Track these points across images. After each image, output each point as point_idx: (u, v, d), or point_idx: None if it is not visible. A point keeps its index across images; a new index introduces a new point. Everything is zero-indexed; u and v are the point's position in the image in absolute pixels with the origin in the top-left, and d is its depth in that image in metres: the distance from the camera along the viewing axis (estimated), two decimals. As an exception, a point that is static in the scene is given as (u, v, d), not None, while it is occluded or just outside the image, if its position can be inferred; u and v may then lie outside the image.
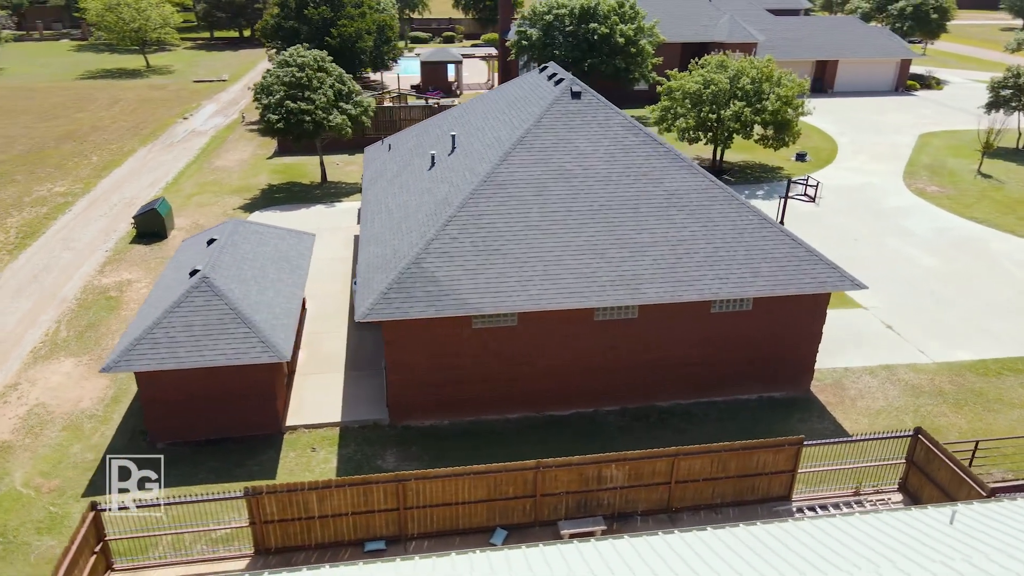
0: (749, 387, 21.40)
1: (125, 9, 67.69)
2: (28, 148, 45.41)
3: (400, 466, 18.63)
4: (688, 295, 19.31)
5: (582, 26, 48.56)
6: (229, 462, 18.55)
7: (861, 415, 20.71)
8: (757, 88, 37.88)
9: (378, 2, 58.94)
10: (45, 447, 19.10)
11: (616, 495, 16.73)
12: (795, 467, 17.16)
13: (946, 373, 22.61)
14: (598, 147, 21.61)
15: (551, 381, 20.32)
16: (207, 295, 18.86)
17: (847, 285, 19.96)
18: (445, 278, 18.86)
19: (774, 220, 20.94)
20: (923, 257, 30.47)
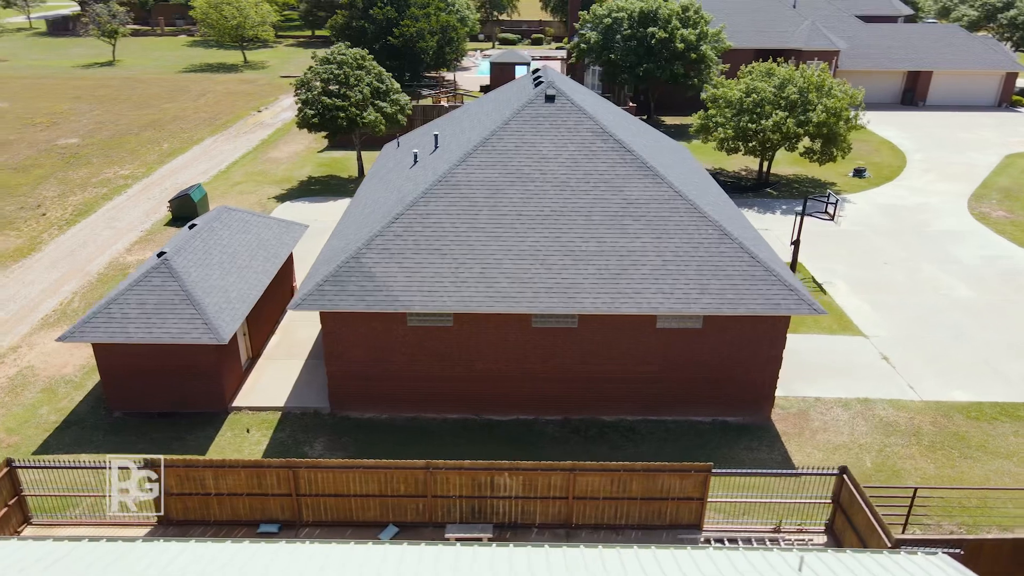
0: (702, 409, 20.46)
1: (226, 7, 72.12)
2: (113, 134, 49.31)
3: (324, 454, 19.07)
4: (627, 308, 18.70)
5: (640, 30, 47.64)
6: (170, 435, 19.59)
7: (817, 449, 19.37)
8: (804, 98, 35.98)
9: (450, 4, 60.10)
10: (19, 406, 20.82)
11: (512, 505, 16.45)
12: (704, 495, 16.28)
13: (931, 413, 20.76)
14: (562, 152, 21.26)
15: (489, 385, 20.19)
16: (164, 276, 19.98)
17: (803, 309, 18.71)
18: (381, 274, 19.13)
19: (737, 236, 19.91)
20: (958, 287, 28.02)
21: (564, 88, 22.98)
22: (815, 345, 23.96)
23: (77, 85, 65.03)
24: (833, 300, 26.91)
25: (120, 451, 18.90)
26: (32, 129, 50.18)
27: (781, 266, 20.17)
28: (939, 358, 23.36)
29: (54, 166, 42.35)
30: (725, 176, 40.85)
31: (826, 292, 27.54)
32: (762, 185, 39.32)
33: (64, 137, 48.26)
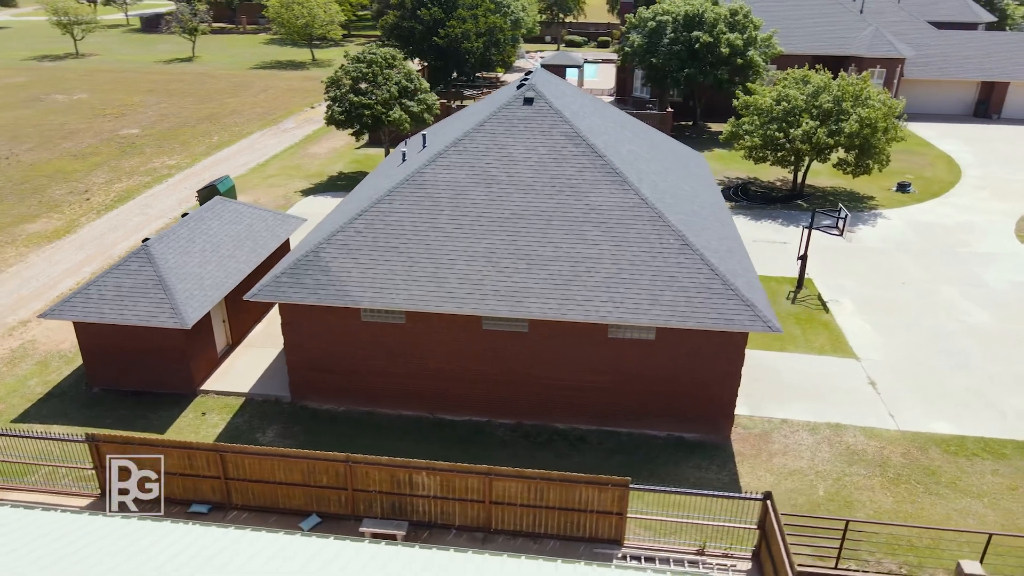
0: (658, 423, 19.93)
1: (296, 7, 74.74)
2: (172, 126, 51.94)
3: (275, 441, 19.60)
4: (574, 315, 18.43)
5: (684, 33, 46.64)
6: (137, 413, 20.57)
7: (770, 472, 18.56)
8: (838, 107, 34.44)
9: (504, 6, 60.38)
10: (13, 376, 22.30)
11: (431, 504, 16.50)
12: (623, 510, 15.89)
13: (905, 444, 19.55)
14: (532, 155, 21.13)
15: (442, 384, 20.28)
16: (142, 261, 21.00)
17: (757, 325, 17.95)
18: (337, 269, 19.52)
19: (702, 246, 19.30)
20: (976, 312, 26.23)
21: (547, 92, 22.81)
22: (799, 365, 22.94)
23: (153, 79, 68.76)
24: (833, 319, 25.68)
25: (89, 424, 20.00)
26: (101, 119, 53.43)
27: (747, 280, 19.43)
28: (932, 386, 21.96)
29: (110, 154, 44.99)
30: (757, 186, 39.53)
31: (828, 310, 26.31)
32: (794, 196, 37.84)
33: (127, 128, 51.17)
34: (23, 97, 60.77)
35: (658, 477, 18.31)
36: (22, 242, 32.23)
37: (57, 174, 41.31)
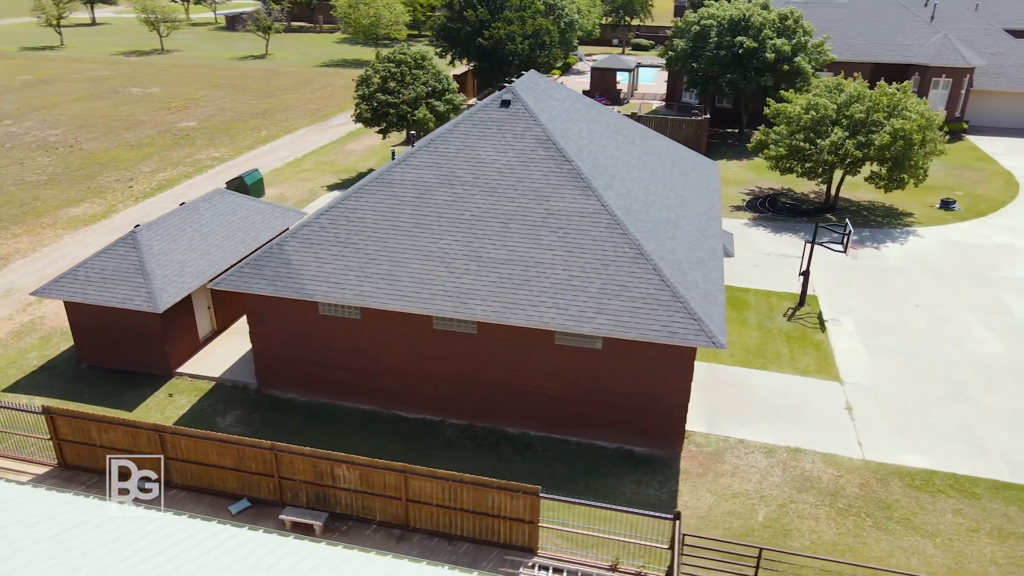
0: (607, 434, 19.55)
1: (362, 7, 76.76)
2: (227, 119, 54.30)
3: (232, 426, 20.29)
4: (517, 319, 18.32)
5: (728, 38, 45.42)
6: (113, 390, 21.69)
7: (711, 493, 17.93)
8: (870, 118, 32.84)
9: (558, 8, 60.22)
10: (15, 349, 23.89)
11: (352, 497, 16.75)
12: (535, 518, 15.70)
13: (865, 474, 18.50)
14: (500, 157, 21.10)
15: (397, 381, 20.51)
16: (128, 246, 22.13)
17: (701, 340, 17.37)
18: (297, 262, 20.04)
19: (659, 256, 18.82)
20: (990, 341, 24.52)
21: (528, 95, 22.70)
22: (775, 384, 22.04)
23: (224, 75, 72.01)
24: (827, 339, 24.51)
25: (69, 397, 21.24)
26: (165, 112, 56.36)
27: (704, 293, 18.83)
28: (914, 416, 20.68)
29: (163, 145, 47.43)
30: (788, 198, 38.10)
31: (824, 330, 25.13)
32: (825, 210, 36.27)
33: (185, 120, 53.81)
34: (102, 89, 64.77)
35: (594, 489, 17.99)
36: (61, 224, 34.41)
37: (111, 162, 43.88)
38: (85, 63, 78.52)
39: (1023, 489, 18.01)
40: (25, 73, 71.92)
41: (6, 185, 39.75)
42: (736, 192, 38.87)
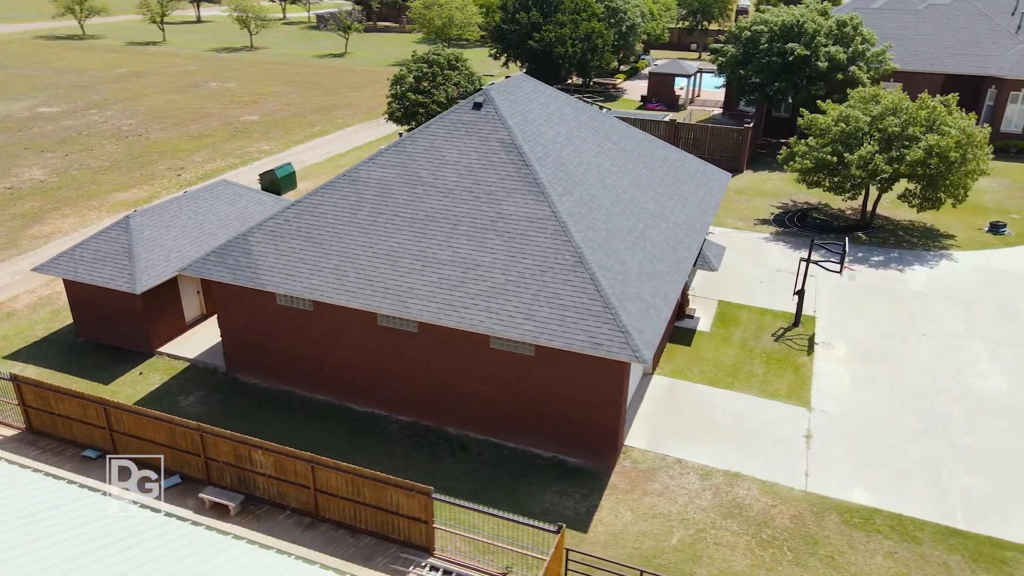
0: (544, 442, 19.34)
1: (435, 8, 78.30)
2: (288, 114, 56.64)
3: (192, 406, 21.27)
4: (448, 320, 18.40)
5: (778, 45, 43.75)
6: (97, 363, 23.15)
7: (632, 511, 17.44)
8: (905, 132, 30.96)
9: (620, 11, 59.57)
10: (27, 320, 25.86)
11: (269, 483, 17.29)
12: (430, 518, 15.77)
13: (801, 506, 17.53)
14: (463, 159, 21.22)
15: (348, 374, 20.98)
16: (120, 230, 23.58)
17: (624, 354, 16.92)
18: (257, 253, 20.82)
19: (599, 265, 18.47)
20: (994, 376, 22.70)
21: (503, 98, 22.70)
22: (738, 405, 21.17)
23: (299, 72, 75.06)
24: (811, 363, 23.32)
25: (57, 368, 22.85)
26: (233, 106, 59.35)
27: (645, 307, 18.34)
28: (879, 449, 19.42)
29: (221, 137, 50.00)
30: (821, 213, 36.35)
31: (810, 352, 23.91)
32: (859, 228, 34.40)
33: (249, 115, 56.50)
34: (185, 83, 68.81)
35: (516, 496, 17.87)
36: (107, 207, 36.91)
37: (169, 151, 46.64)
38: (180, 58, 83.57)
39: (974, 538, 16.63)
40: (123, 66, 77.29)
41: (71, 169, 42.94)
42: (767, 205, 37.42)
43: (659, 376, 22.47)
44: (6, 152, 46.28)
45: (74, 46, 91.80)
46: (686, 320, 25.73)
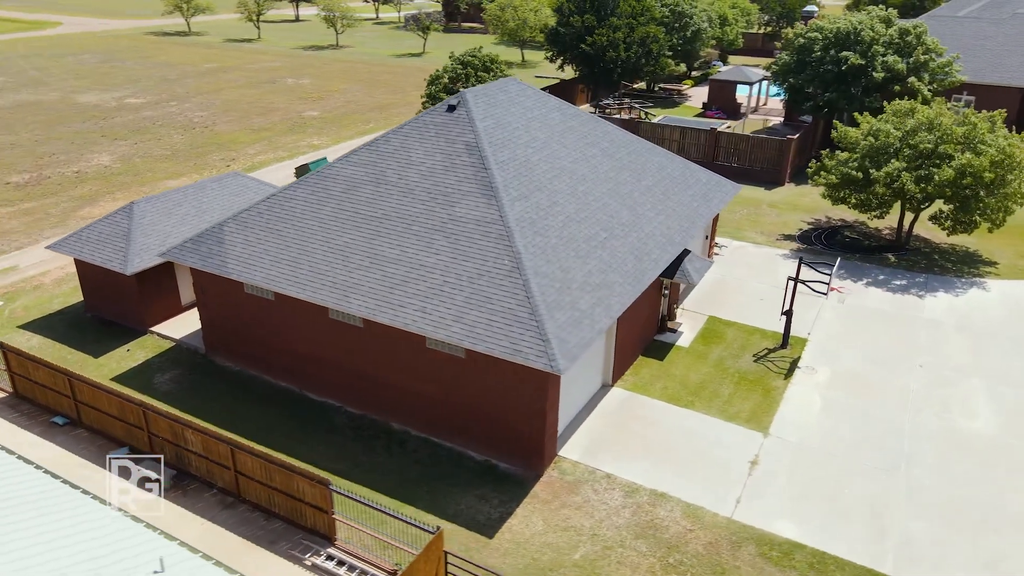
0: (477, 445, 19.40)
1: (509, 11, 78.98)
2: (347, 111, 58.56)
3: (165, 383, 22.49)
4: (383, 317, 18.74)
5: (832, 53, 41.78)
6: (95, 338, 24.83)
7: (544, 521, 17.25)
8: (938, 149, 29.04)
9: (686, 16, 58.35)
10: (48, 294, 28.01)
11: (199, 461, 18.14)
12: (329, 508, 16.15)
13: (720, 533, 16.84)
14: (428, 160, 21.52)
15: (306, 364, 21.67)
16: (124, 215, 25.20)
17: (540, 362, 16.75)
18: (229, 242, 21.82)
19: (535, 271, 18.36)
20: (984, 417, 21.03)
21: (479, 101, 22.83)
22: (690, 424, 20.51)
23: (372, 70, 77.36)
24: (785, 387, 22.28)
25: (60, 339, 24.68)
26: (299, 102, 61.88)
27: (577, 316, 18.10)
28: (826, 483, 18.38)
29: (279, 131, 52.29)
30: (854, 232, 34.51)
31: (788, 376, 22.85)
32: (891, 249, 32.48)
33: (311, 110, 58.78)
34: (264, 79, 72.25)
35: (434, 496, 18.02)
36: (155, 193, 39.32)
37: (228, 143, 49.20)
38: (267, 55, 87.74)
39: (898, 586, 15.55)
40: (213, 62, 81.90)
41: (135, 157, 46.03)
42: (798, 220, 35.84)
43: (618, 389, 22.04)
44: (85, 138, 50.08)
45: (178, 42, 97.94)
46: (668, 334, 25.09)
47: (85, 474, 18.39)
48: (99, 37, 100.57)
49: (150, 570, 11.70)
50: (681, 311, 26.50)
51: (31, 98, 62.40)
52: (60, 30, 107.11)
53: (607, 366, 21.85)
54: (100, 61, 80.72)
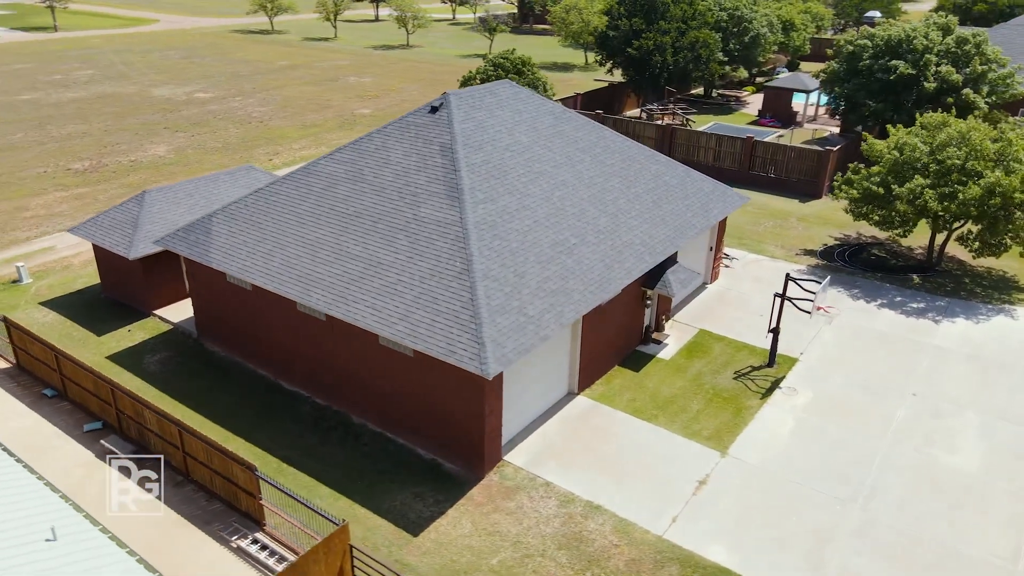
0: (426, 444, 19.57)
1: (573, 13, 78.70)
2: (400, 110, 59.64)
3: (153, 364, 23.63)
4: (336, 311, 19.16)
5: (881, 61, 39.90)
6: (105, 317, 26.31)
7: (472, 524, 17.25)
8: (966, 165, 27.37)
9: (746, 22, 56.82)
10: (73, 274, 29.85)
11: (156, 440, 19.01)
12: (256, 493, 16.66)
13: (647, 552, 16.42)
14: (404, 161, 21.85)
15: (279, 354, 22.36)
16: (135, 203, 26.62)
17: (471, 365, 16.77)
18: (215, 232, 22.75)
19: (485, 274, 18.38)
20: (968, 453, 19.73)
21: (461, 103, 22.97)
22: (646, 439, 20.06)
23: (434, 70, 78.58)
24: (759, 407, 21.50)
25: (72, 316, 26.30)
26: (356, 100, 63.55)
27: (521, 322, 18.02)
28: (776, 511, 17.64)
29: (327, 128, 53.89)
30: (883, 250, 32.87)
31: (765, 396, 22.02)
32: (919, 269, 30.78)
33: (364, 108, 60.28)
34: (328, 77, 74.53)
35: (373, 490, 18.30)
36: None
37: (277, 138, 51.08)
38: (339, 54, 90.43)
39: (820, 622, 14.80)
40: (286, 60, 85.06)
41: (189, 149, 48.40)
42: (826, 235, 34.41)
43: (583, 397, 21.78)
44: (148, 130, 53.01)
45: (259, 40, 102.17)
46: (652, 345, 24.58)
47: (55, 444, 19.61)
48: (188, 34, 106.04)
49: (42, 538, 12.41)
50: (671, 323, 25.90)
51: (111, 90, 66.46)
52: (155, 27, 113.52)
53: (572, 374, 21.62)
54: (182, 57, 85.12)
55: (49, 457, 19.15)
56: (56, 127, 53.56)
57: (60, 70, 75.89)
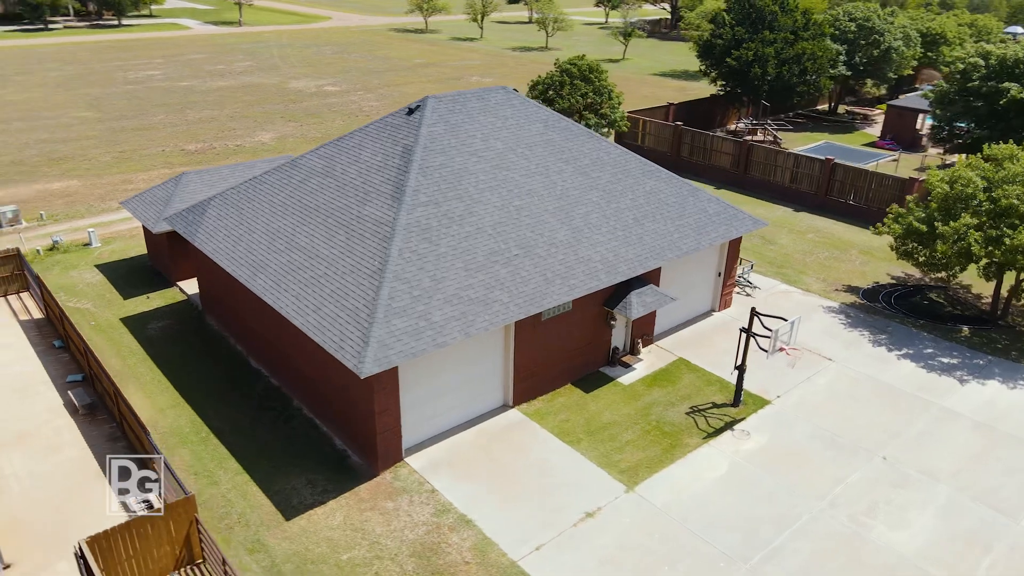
0: (343, 436, 20.14)
1: (705, 23, 75.90)
2: (503, 111, 60.65)
3: (154, 330, 25.94)
4: (269, 297, 20.10)
5: (990, 83, 35.40)
6: (138, 283, 29.16)
7: (344, 518, 17.58)
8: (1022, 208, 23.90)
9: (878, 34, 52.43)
10: (135, 243, 33.28)
11: (110, 399, 21.00)
12: (152, 452, 18.00)
13: (492, 574, 15.95)
14: (371, 159, 22.51)
15: (248, 333, 23.83)
16: (173, 183, 29.31)
17: (351, 363, 17.06)
18: (208, 216, 24.62)
19: (384, 273, 18.63)
20: (917, 531, 17.29)
21: (438, 106, 23.21)
22: (557, 461, 19.36)
23: (559, 73, 78.80)
24: (699, 446, 20.07)
25: (113, 281, 29.47)
26: (467, 99, 65.19)
27: (417, 326, 18.10)
28: (645, 554, 16.47)
29: (425, 125, 55.81)
30: (942, 296, 29.26)
31: (712, 436, 20.50)
32: (977, 321, 27.17)
33: (469, 107, 61.74)
34: (450, 76, 76.93)
35: (274, 470, 19.13)
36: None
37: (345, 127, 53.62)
38: (476, 54, 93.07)
39: None
40: (423, 57, 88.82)
41: (290, 138, 52.06)
42: (883, 272, 31.16)
43: (516, 411, 21.39)
44: (267, 118, 57.63)
45: (409, 38, 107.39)
46: (618, 368, 23.60)
47: (39, 389, 22.19)
48: (350, 31, 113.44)
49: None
50: (650, 348, 24.67)
51: (257, 81, 72.74)
52: (325, 24, 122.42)
53: (507, 386, 21.29)
54: (332, 52, 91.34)
55: (28, 400, 21.71)
56: (194, 112, 59.54)
57: (225, 61, 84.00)
